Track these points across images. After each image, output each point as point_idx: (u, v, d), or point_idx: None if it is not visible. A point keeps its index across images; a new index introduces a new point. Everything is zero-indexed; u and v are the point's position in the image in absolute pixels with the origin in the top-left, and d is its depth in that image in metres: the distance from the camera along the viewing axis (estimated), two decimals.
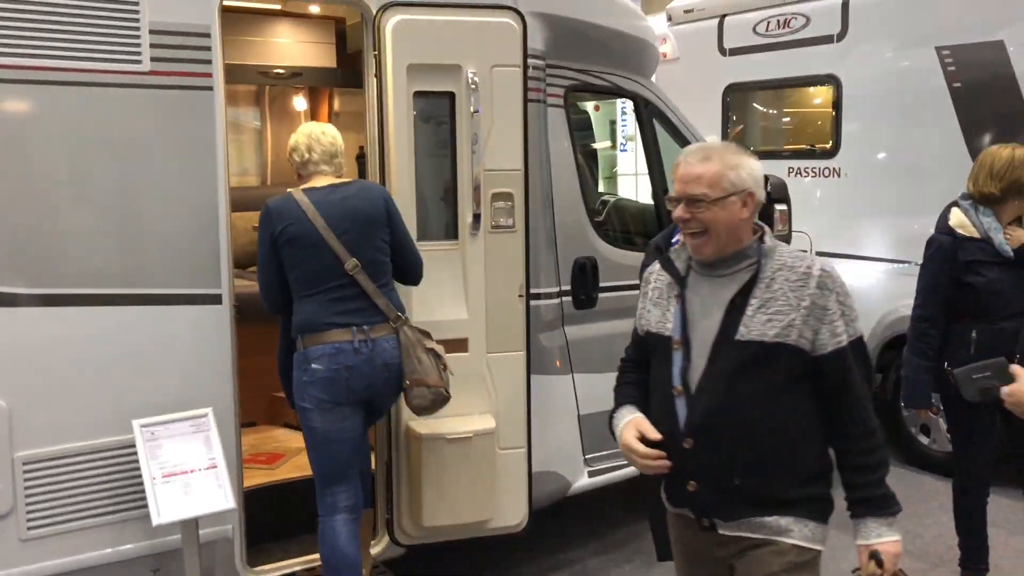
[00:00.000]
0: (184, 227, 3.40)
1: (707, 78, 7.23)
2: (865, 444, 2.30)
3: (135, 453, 3.23)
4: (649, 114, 4.86)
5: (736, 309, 2.29)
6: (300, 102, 6.05)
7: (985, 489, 4.00)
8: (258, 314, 3.66)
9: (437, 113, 3.81)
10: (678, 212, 2.33)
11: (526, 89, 3.88)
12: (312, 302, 3.34)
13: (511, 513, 4.03)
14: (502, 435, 3.96)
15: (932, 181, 5.47)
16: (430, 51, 3.72)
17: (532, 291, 4.19)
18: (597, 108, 10.51)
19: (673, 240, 3.49)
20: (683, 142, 5.03)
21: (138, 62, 3.24)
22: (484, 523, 3.96)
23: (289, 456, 4.53)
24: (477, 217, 3.82)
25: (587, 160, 5.57)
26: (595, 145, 8.63)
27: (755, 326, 2.26)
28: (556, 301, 4.41)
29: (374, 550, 3.93)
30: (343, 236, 3.32)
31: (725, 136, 7.24)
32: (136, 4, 3.22)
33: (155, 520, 3.12)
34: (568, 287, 4.46)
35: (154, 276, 3.36)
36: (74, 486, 3.26)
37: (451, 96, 3.78)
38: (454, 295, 3.86)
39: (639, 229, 5.29)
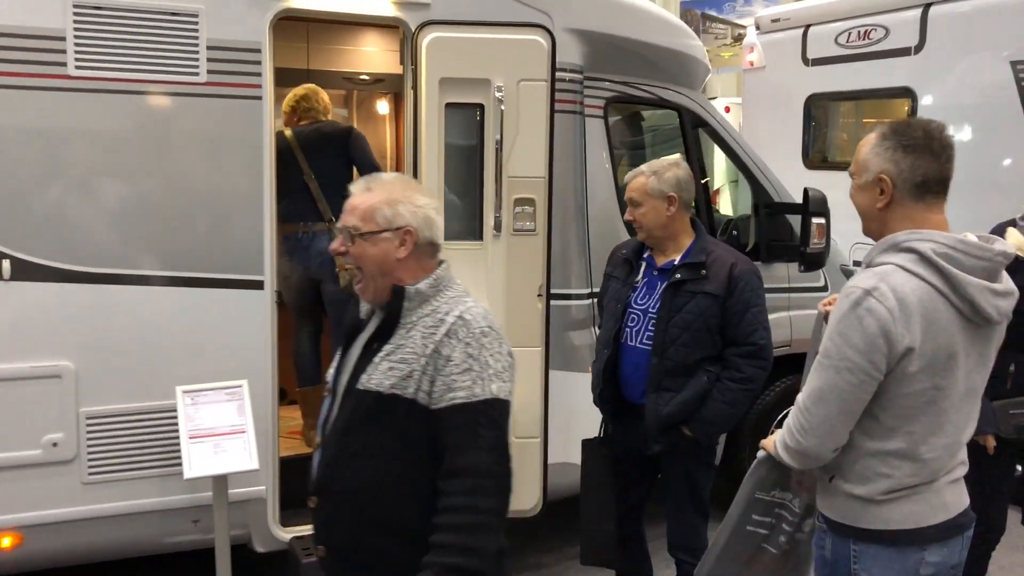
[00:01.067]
0: (232, 220, 3.85)
1: (791, 87, 7.25)
2: (452, 519, 1.99)
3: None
4: (694, 125, 5.02)
5: (368, 355, 2.14)
6: (383, 106, 6.48)
7: (998, 536, 3.92)
8: None
9: (466, 123, 4.12)
10: (334, 244, 2.21)
11: (553, 102, 4.14)
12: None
13: (525, 498, 4.30)
14: (517, 424, 4.23)
15: (1005, 197, 5.36)
16: (461, 66, 4.04)
17: (562, 291, 4.46)
18: (728, 110, 10.38)
19: (644, 254, 3.69)
20: (732, 154, 5.17)
21: (196, 74, 3.70)
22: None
23: None
24: (499, 220, 4.11)
25: None
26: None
27: (376, 374, 2.08)
28: (587, 302, 4.64)
29: None
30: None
31: (809, 148, 7.25)
32: (196, 23, 3.68)
33: (186, 474, 3.58)
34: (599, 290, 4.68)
35: (205, 262, 3.81)
36: (128, 441, 3.76)
37: (480, 107, 4.09)
38: (475, 292, 4.13)
39: None
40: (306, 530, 4.14)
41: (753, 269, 3.55)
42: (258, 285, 3.90)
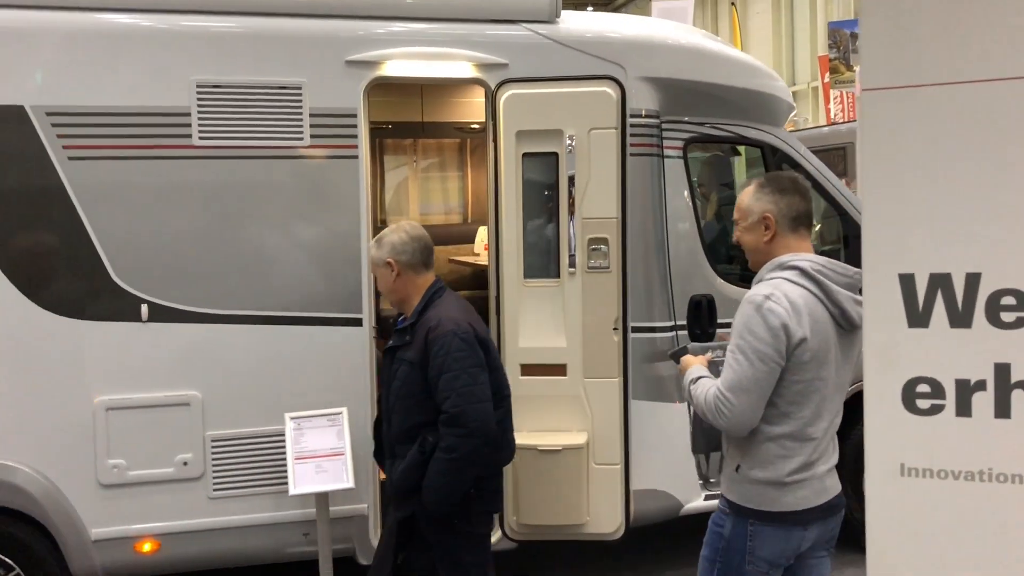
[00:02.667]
0: (334, 265, 4.33)
1: None
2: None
3: None
4: (777, 161, 5.15)
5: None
6: None
7: None
8: None
9: (542, 170, 4.47)
10: None
11: (624, 147, 4.42)
12: None
13: (606, 522, 4.55)
14: (597, 451, 4.50)
15: None
16: (535, 119, 4.40)
17: (645, 324, 4.70)
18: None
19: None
20: (819, 187, 5.26)
21: (300, 138, 4.23)
22: (579, 527, 4.52)
23: None
24: (573, 259, 4.41)
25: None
26: None
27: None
28: (670, 335, 4.85)
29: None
30: None
31: None
32: (300, 94, 4.21)
33: (291, 491, 4.05)
34: (683, 322, 4.89)
35: (311, 303, 4.31)
36: (246, 461, 4.28)
37: (554, 155, 4.42)
38: (554, 326, 4.49)
39: None
40: None
41: (454, 331, 3.36)
42: (357, 323, 4.36)
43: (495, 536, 4.61)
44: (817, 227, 8.57)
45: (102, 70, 4.00)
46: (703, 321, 4.88)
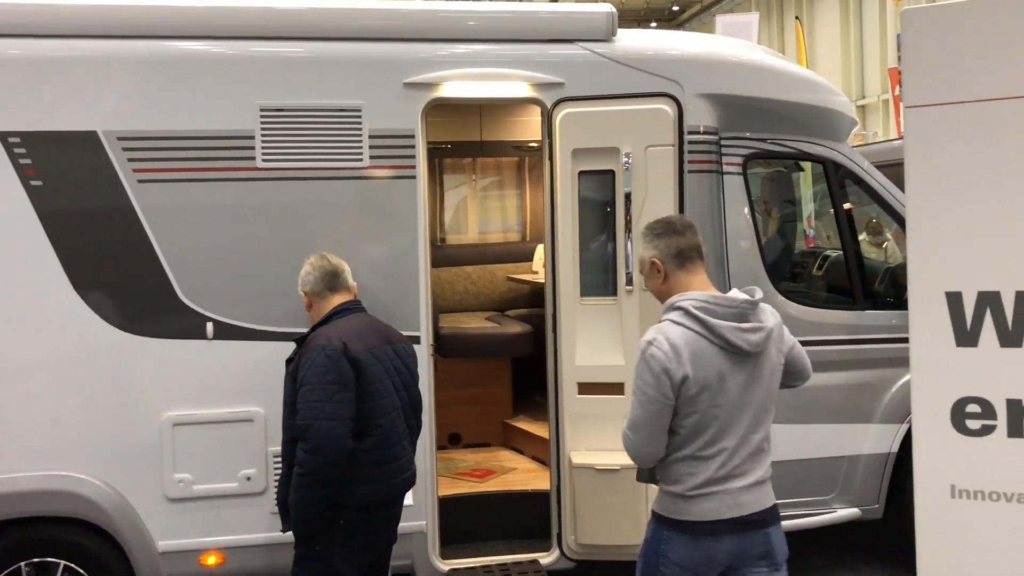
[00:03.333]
0: (393, 283, 4.39)
1: None
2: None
3: None
4: (840, 177, 5.06)
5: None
6: None
7: None
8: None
9: (598, 187, 4.48)
10: None
11: (681, 164, 4.41)
12: None
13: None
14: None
15: None
16: (592, 136, 4.41)
17: None
18: None
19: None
20: (882, 203, 5.15)
21: (360, 159, 4.31)
22: (636, 548, 4.46)
23: (500, 474, 5.37)
24: (630, 276, 4.40)
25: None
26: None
27: None
28: None
29: (545, 560, 4.61)
30: None
31: None
32: (359, 116, 4.29)
33: None
34: None
35: None
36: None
37: (610, 173, 4.42)
38: (612, 344, 4.47)
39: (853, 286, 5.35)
40: (464, 563, 4.58)
41: (322, 346, 3.42)
42: (415, 340, 4.40)
43: (552, 556, 4.60)
44: (885, 244, 8.43)
45: (169, 95, 4.15)
46: None
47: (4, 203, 4.03)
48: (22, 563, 4.13)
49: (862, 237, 7.62)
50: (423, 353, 4.42)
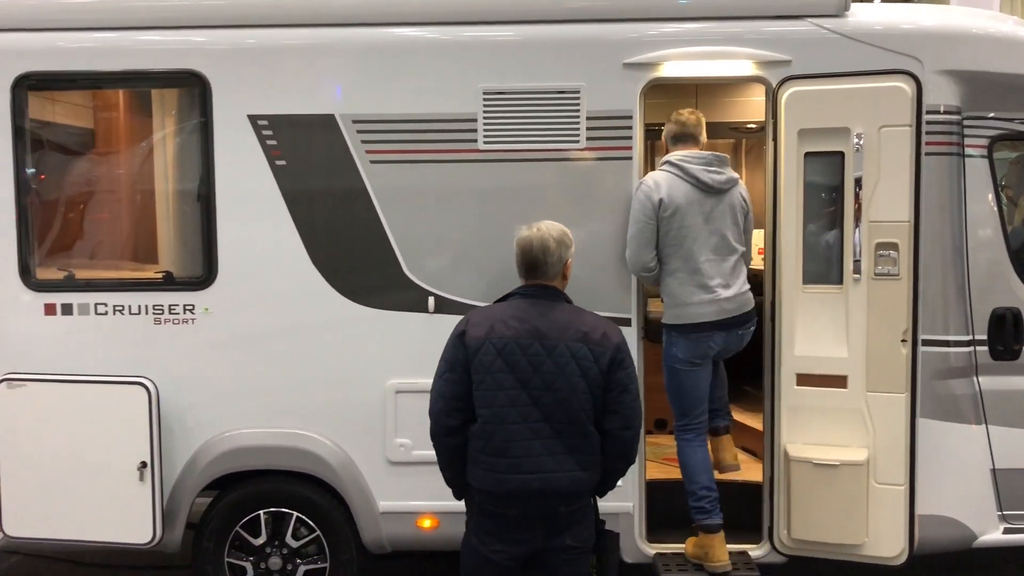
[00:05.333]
0: (605, 264, 4.40)
1: None
2: None
3: None
4: None
5: None
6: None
7: None
8: None
9: (825, 170, 4.26)
10: None
11: (919, 146, 4.11)
12: None
13: (887, 545, 4.25)
14: (879, 470, 4.22)
15: None
16: (819, 116, 4.20)
17: (938, 338, 4.36)
18: None
19: None
20: None
21: (577, 141, 4.34)
22: (856, 548, 4.26)
23: None
24: (858, 264, 4.16)
25: None
26: None
27: None
28: (967, 350, 4.44)
29: (755, 553, 4.48)
30: None
31: None
32: (578, 98, 4.32)
33: None
34: (984, 337, 4.46)
35: (581, 301, 4.37)
36: None
37: (839, 155, 4.20)
38: (835, 335, 4.26)
39: None
40: (670, 547, 4.54)
41: (456, 325, 3.44)
42: (626, 323, 4.40)
43: (763, 549, 4.47)
44: None
45: (400, 80, 4.35)
46: (1007, 337, 4.43)
47: (253, 182, 4.39)
48: (261, 511, 4.52)
49: None
50: (634, 336, 4.41)
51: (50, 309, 4.46)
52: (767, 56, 4.29)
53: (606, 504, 4.33)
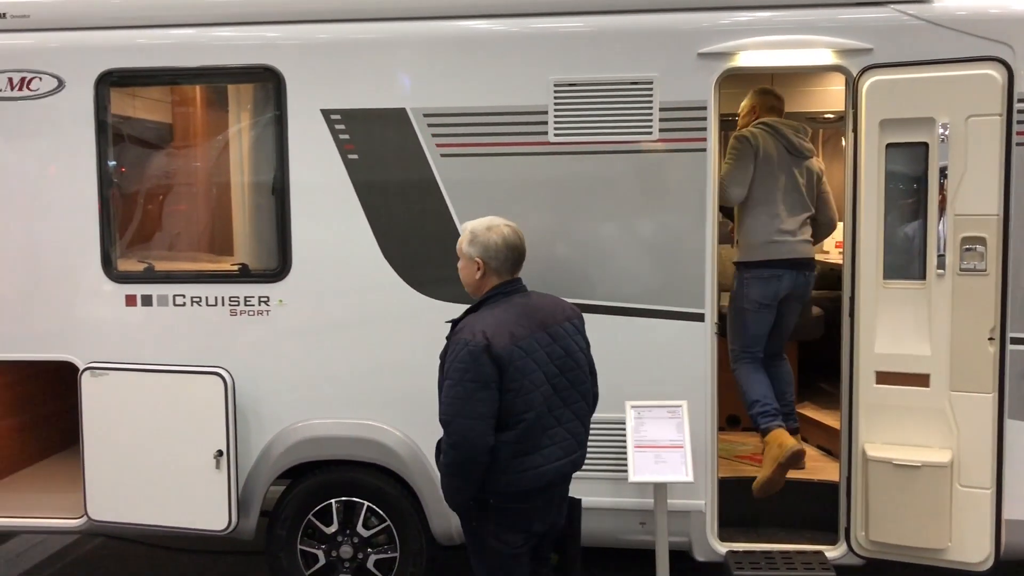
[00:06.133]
0: (678, 259, 4.33)
1: None
2: None
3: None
4: None
5: None
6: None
7: None
8: None
9: (908, 162, 4.11)
10: None
11: (1009, 136, 3.94)
12: None
13: (971, 550, 4.10)
14: (963, 472, 4.07)
15: None
16: (903, 106, 4.05)
17: None
18: None
19: None
20: None
21: (650, 132, 4.27)
22: (938, 552, 4.12)
23: None
24: (943, 259, 4.01)
25: None
26: None
27: None
28: None
29: (831, 554, 4.37)
30: None
31: None
32: (651, 88, 4.25)
33: (630, 478, 4.12)
34: None
35: (653, 295, 4.35)
36: (589, 445, 4.40)
37: (923, 146, 4.05)
38: (917, 332, 4.12)
39: None
40: (742, 546, 4.46)
41: (467, 340, 3.26)
42: (699, 318, 4.32)
43: (839, 550, 4.36)
44: None
45: (470, 73, 4.33)
46: None
47: (326, 175, 4.43)
48: (332, 500, 4.57)
49: None
50: (707, 331, 4.33)
51: (131, 300, 4.58)
52: (847, 44, 4.16)
53: (677, 502, 4.32)
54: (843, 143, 6.51)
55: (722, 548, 4.45)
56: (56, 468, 5.42)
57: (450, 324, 3.52)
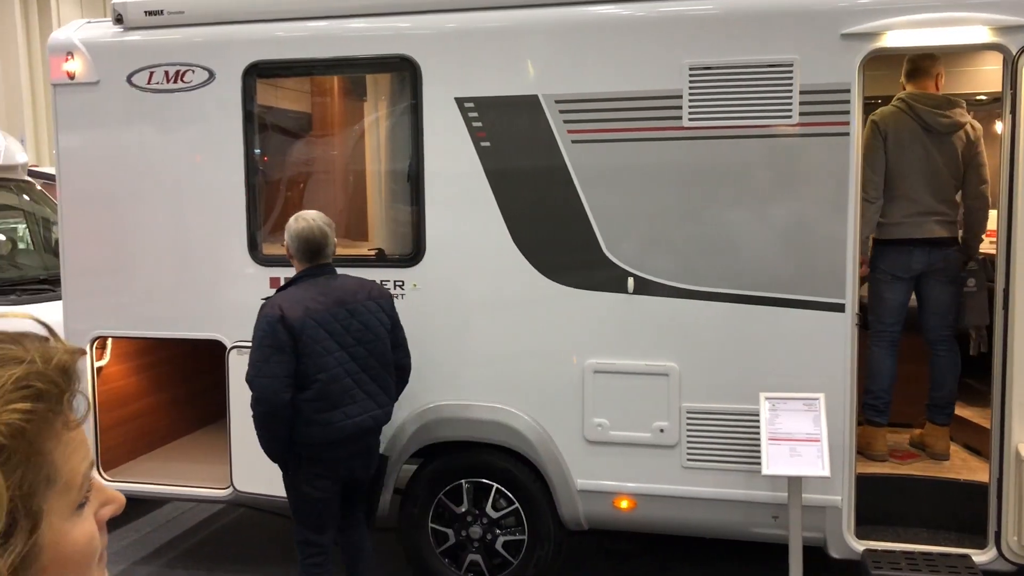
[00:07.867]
0: (817, 247, 4.19)
1: None
2: None
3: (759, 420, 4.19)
4: None
5: None
6: (999, 126, 6.13)
7: None
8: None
9: None
10: None
11: None
12: None
13: None
14: None
15: None
16: None
17: None
18: None
19: None
20: None
21: (789, 117, 4.14)
22: None
23: (923, 458, 4.93)
24: None
25: None
26: None
27: None
28: None
29: (979, 558, 4.17)
30: None
31: None
32: (790, 71, 4.12)
33: (764, 470, 4.03)
34: None
35: (789, 285, 4.22)
36: (719, 435, 4.36)
37: None
38: None
39: None
40: (881, 545, 4.30)
41: (265, 313, 3.89)
42: (839, 308, 4.18)
43: (988, 555, 4.15)
44: None
45: (601, 59, 4.31)
46: None
47: (459, 162, 4.50)
48: (463, 481, 4.67)
49: None
50: (847, 323, 4.18)
51: (274, 283, 4.78)
52: (1006, 21, 3.91)
53: (813, 496, 4.20)
54: (996, 127, 6.15)
55: (859, 546, 4.30)
56: (206, 440, 5.74)
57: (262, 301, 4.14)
